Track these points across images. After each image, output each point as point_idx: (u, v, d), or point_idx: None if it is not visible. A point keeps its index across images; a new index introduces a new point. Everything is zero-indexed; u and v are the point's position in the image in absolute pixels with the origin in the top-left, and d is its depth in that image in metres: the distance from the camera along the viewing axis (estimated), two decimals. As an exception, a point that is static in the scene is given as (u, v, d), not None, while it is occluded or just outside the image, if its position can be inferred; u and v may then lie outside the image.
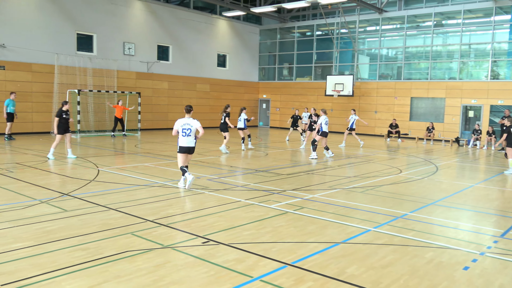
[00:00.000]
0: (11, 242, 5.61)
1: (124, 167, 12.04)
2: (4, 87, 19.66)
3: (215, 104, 29.01)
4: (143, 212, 7.24)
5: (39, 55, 20.72)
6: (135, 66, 24.76)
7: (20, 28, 20.03)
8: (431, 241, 6.21)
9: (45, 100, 21.03)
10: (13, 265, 4.84)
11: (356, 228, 6.74)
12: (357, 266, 5.15)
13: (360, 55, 28.89)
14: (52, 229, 6.17)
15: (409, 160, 15.87)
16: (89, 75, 22.21)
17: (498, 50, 23.90)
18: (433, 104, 25.34)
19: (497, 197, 9.78)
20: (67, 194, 8.45)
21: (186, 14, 27.25)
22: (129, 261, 5.06)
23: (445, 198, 9.35)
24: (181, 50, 27.18)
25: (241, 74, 31.67)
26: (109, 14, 23.28)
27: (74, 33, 22.01)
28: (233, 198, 8.49)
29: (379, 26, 27.47)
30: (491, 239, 6.47)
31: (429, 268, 5.18)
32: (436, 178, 11.91)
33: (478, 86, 23.60)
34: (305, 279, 4.73)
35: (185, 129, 9.30)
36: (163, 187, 9.50)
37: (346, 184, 10.59)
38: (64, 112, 12.99)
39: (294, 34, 31.60)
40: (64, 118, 12.97)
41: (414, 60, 26.94)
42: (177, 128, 9.34)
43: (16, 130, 19.70)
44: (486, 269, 5.23)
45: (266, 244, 5.82)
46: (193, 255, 5.32)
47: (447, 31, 26.27)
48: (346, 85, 26.91)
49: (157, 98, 25.89)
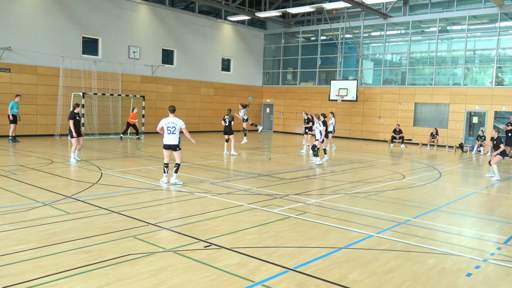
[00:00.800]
0: (14, 244, 5.63)
1: (127, 170, 12.07)
2: (10, 90, 19.78)
3: (219, 108, 29.06)
4: (145, 216, 7.25)
5: (44, 58, 20.84)
6: (140, 69, 24.86)
7: (26, 31, 20.17)
8: (434, 247, 6.19)
9: (50, 103, 21.14)
10: (16, 267, 4.86)
11: (359, 233, 6.72)
12: (360, 271, 5.14)
13: (365, 60, 28.89)
14: (55, 232, 6.19)
15: (412, 166, 15.83)
16: (94, 78, 22.32)
17: (503, 56, 23.83)
18: (437, 109, 25.28)
19: (501, 203, 9.73)
20: (70, 196, 8.48)
21: (191, 18, 27.36)
22: (131, 265, 5.07)
23: (448, 204, 9.32)
24: (185, 54, 27.27)
25: (245, 78, 31.73)
26: (115, 18, 23.41)
27: (79, 37, 22.13)
28: (236, 202, 8.49)
29: (383, 31, 27.48)
30: (494, 245, 6.44)
31: (432, 274, 5.16)
32: (439, 184, 11.87)
33: (483, 92, 23.54)
34: (307, 284, 4.72)
35: (169, 127, 9.96)
36: (166, 190, 9.52)
37: (349, 189, 10.56)
38: (77, 114, 12.99)
39: (298, 39, 31.65)
40: (77, 121, 12.94)
41: (419, 66, 26.91)
42: (162, 125, 10.04)
43: (20, 133, 19.81)
44: (489, 276, 5.21)
45: (268, 249, 5.82)
46: (195, 259, 5.32)
47: (451, 37, 26.24)
48: (350, 90, 26.90)
49: (161, 102, 25.96)
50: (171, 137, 9.98)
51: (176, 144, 10.05)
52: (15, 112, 17.95)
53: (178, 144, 10.07)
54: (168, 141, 10.03)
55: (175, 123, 9.95)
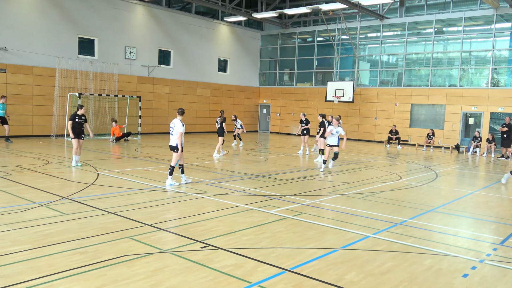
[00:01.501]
0: (9, 245, 5.60)
1: (123, 171, 12.03)
2: (6, 90, 19.68)
3: (216, 109, 29.03)
4: (142, 216, 7.22)
5: (40, 59, 20.77)
6: (136, 70, 24.81)
7: (22, 31, 20.09)
8: (430, 248, 6.20)
9: (46, 103, 21.07)
10: (11, 268, 4.83)
11: (355, 234, 6.73)
12: (356, 272, 5.14)
13: (361, 61, 28.95)
14: (50, 233, 6.16)
15: (408, 167, 15.86)
16: (90, 79, 22.26)
17: (499, 57, 23.94)
18: (433, 110, 25.36)
19: (497, 204, 9.76)
20: (66, 197, 8.44)
21: (188, 19, 27.34)
22: (127, 266, 5.05)
23: (445, 205, 9.34)
24: (182, 55, 27.25)
25: (242, 79, 31.73)
26: (111, 19, 23.36)
27: (76, 37, 22.07)
28: (232, 203, 8.48)
29: (380, 32, 27.54)
30: (491, 246, 6.46)
31: (428, 275, 5.17)
32: (435, 184, 11.90)
33: (479, 93, 23.63)
34: (303, 285, 4.71)
35: (170, 128, 10.23)
36: (162, 191, 9.50)
37: (346, 190, 10.57)
38: (78, 116, 12.46)
39: (295, 40, 31.68)
40: (77, 122, 12.42)
41: (415, 67, 26.99)
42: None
43: (16, 133, 19.73)
44: (485, 276, 5.22)
45: (265, 250, 5.81)
46: (191, 260, 5.31)
47: (447, 38, 26.34)
48: (347, 91, 26.95)
49: (158, 102, 25.92)
50: (171, 138, 10.17)
51: (174, 146, 10.10)
52: (1, 114, 17.75)
53: (176, 146, 10.09)
54: (170, 142, 10.22)
55: (174, 125, 10.08)
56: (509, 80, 23.62)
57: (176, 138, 10.02)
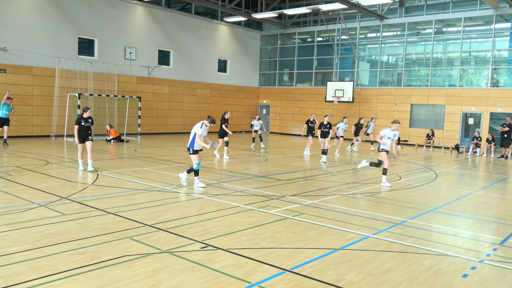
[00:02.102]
0: (9, 245, 5.60)
1: (123, 171, 12.03)
2: (5, 90, 19.65)
3: (216, 109, 29.03)
4: (141, 217, 7.22)
5: (40, 59, 20.76)
6: (136, 70, 24.81)
7: (21, 31, 20.09)
8: (430, 248, 6.20)
9: (45, 104, 21.06)
10: (11, 269, 4.83)
11: (355, 234, 6.73)
12: (356, 272, 5.14)
13: (361, 62, 28.96)
14: (50, 233, 6.16)
15: (408, 167, 15.86)
16: (89, 79, 22.26)
17: (498, 57, 23.95)
18: (433, 111, 25.36)
19: (497, 204, 9.76)
20: (66, 197, 8.44)
21: (188, 19, 27.34)
22: (127, 266, 5.05)
23: (444, 205, 9.34)
24: (182, 55, 27.24)
25: (242, 79, 31.73)
26: (111, 19, 23.36)
27: (75, 37, 22.06)
28: (232, 203, 8.48)
29: (379, 33, 27.55)
30: (490, 246, 6.46)
31: (428, 275, 5.17)
32: (435, 185, 11.90)
33: (478, 93, 23.63)
34: (303, 285, 4.71)
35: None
36: (162, 191, 9.50)
37: (346, 190, 10.58)
38: (84, 119, 11.64)
39: (295, 40, 31.69)
40: (83, 126, 11.64)
41: (414, 67, 26.99)
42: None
43: (16, 134, 19.72)
44: (485, 277, 5.22)
45: (264, 250, 5.81)
46: (191, 260, 5.31)
47: (447, 39, 26.34)
48: (346, 91, 26.96)
49: (158, 103, 25.92)
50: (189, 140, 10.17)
51: (188, 147, 10.11)
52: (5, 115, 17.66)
53: (190, 148, 10.05)
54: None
55: (193, 128, 10.08)
56: (508, 80, 23.63)
57: (191, 140, 9.99)
